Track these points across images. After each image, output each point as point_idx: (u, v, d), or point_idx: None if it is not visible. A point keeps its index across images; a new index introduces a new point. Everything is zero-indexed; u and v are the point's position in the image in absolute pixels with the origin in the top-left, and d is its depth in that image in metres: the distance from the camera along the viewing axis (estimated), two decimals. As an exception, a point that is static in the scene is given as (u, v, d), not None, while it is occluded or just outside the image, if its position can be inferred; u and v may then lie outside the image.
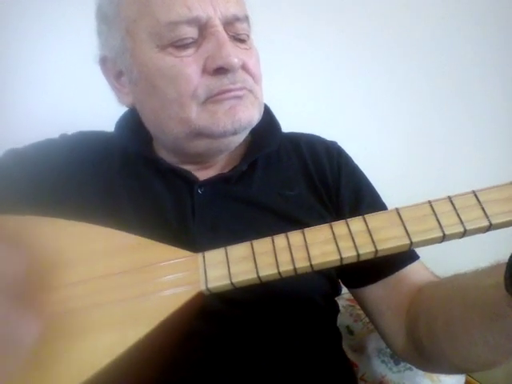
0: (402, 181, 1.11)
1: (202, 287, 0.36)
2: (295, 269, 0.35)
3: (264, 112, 0.65)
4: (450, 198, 0.34)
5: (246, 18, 0.55)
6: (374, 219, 0.35)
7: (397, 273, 0.57)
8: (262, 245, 0.37)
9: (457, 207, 0.34)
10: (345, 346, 0.66)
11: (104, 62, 0.58)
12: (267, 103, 0.67)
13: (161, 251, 0.39)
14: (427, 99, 1.20)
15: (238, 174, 0.59)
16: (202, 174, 0.59)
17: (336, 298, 0.63)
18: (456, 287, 0.47)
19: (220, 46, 0.51)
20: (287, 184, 0.61)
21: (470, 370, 0.50)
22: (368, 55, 1.16)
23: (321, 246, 0.35)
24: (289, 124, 0.68)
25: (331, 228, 0.36)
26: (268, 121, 0.65)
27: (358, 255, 0.34)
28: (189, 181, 0.57)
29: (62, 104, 0.92)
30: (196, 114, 0.52)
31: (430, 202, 0.35)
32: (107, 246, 0.40)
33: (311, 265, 0.35)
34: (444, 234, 0.33)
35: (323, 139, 0.69)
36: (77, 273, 0.38)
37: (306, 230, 0.37)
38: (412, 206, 0.35)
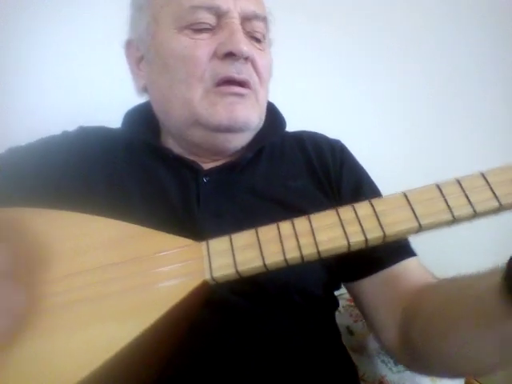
0: (403, 178, 1.11)
1: (207, 276, 0.35)
2: (302, 256, 0.34)
3: (268, 108, 0.67)
4: (457, 180, 0.34)
5: (265, 19, 0.59)
6: (381, 203, 0.35)
7: (393, 266, 0.56)
8: (267, 232, 0.36)
9: (465, 188, 0.33)
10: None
11: (128, 46, 0.62)
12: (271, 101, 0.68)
13: (163, 240, 0.38)
14: (429, 100, 1.21)
15: (243, 163, 0.60)
16: (208, 165, 0.59)
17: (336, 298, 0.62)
18: (454, 289, 0.46)
19: (232, 33, 0.54)
20: (291, 175, 0.61)
21: (463, 372, 0.49)
22: (370, 55, 1.17)
23: (327, 231, 0.34)
24: (290, 122, 0.69)
25: (337, 213, 0.35)
26: (272, 115, 0.67)
27: (367, 240, 0.34)
28: (194, 170, 0.58)
29: (62, 102, 0.91)
30: (199, 98, 0.54)
31: (437, 184, 0.34)
32: (108, 236, 0.39)
33: (318, 251, 0.34)
34: (453, 216, 0.33)
35: (326, 137, 0.70)
36: (76, 264, 0.37)
37: (312, 215, 0.36)
38: (419, 188, 0.35)
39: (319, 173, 0.62)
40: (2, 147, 0.59)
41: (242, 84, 0.55)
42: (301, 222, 0.36)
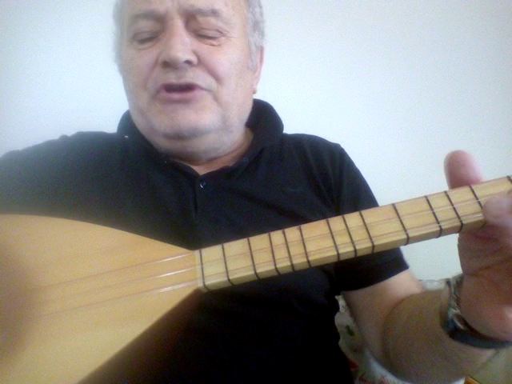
0: (402, 181, 1.11)
1: (199, 284, 0.36)
2: (292, 265, 0.35)
3: (266, 110, 0.67)
4: (446, 193, 0.34)
5: (214, 13, 0.53)
6: (371, 214, 0.35)
7: (382, 282, 0.57)
8: (259, 241, 0.37)
9: (453, 202, 0.34)
10: (345, 346, 0.66)
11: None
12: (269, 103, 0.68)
13: (156, 249, 0.39)
14: (428, 100, 1.21)
15: (240, 168, 0.59)
16: (203, 170, 0.59)
17: (336, 298, 0.62)
18: (415, 309, 0.48)
19: (168, 39, 0.51)
20: (290, 181, 0.61)
21: None
22: (369, 56, 1.17)
23: (318, 241, 0.35)
24: (287, 124, 0.69)
25: (328, 224, 0.36)
26: (270, 118, 0.67)
27: (355, 251, 0.34)
28: (190, 175, 0.57)
29: (61, 106, 0.92)
30: (147, 106, 0.55)
31: (426, 197, 0.35)
32: (103, 244, 0.39)
33: (308, 261, 0.35)
34: (441, 229, 0.33)
35: (326, 141, 0.69)
36: (71, 271, 0.38)
37: (303, 226, 0.36)
38: (408, 200, 0.35)
39: (318, 179, 0.62)
40: (2, 150, 0.59)
41: (185, 88, 0.53)
42: (292, 232, 0.36)
